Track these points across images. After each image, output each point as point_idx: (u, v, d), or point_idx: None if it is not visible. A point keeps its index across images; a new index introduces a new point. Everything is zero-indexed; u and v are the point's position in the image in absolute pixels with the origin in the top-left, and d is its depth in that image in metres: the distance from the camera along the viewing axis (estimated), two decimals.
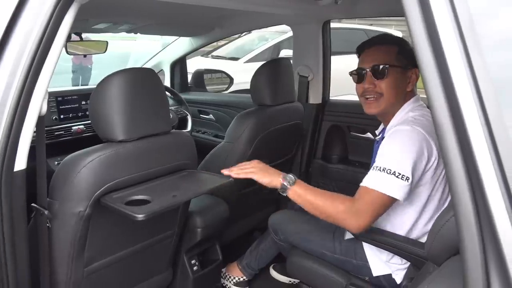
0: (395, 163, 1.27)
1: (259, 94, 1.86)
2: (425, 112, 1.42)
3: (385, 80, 1.42)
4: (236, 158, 1.81)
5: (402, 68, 1.42)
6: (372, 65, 1.43)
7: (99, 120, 1.22)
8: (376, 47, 1.47)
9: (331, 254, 1.61)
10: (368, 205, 1.26)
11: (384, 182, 1.26)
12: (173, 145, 1.38)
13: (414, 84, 1.45)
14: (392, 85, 1.42)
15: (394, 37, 1.53)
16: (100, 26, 1.89)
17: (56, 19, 0.93)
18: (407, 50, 1.44)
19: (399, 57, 1.42)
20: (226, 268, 2.05)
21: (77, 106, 2.12)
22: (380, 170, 1.27)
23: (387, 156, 1.31)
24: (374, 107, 1.47)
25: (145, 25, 2.07)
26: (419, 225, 1.44)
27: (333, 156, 2.33)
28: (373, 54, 1.46)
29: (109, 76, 1.20)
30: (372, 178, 1.29)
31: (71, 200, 1.15)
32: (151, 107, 1.28)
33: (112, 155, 1.19)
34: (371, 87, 1.44)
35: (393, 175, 1.25)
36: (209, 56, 6.11)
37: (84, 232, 1.20)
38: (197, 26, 2.32)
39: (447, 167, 0.52)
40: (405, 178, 1.25)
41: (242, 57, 5.76)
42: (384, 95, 1.43)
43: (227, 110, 2.69)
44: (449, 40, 0.50)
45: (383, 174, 1.26)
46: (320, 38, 2.18)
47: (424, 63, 0.52)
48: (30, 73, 0.91)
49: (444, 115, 0.51)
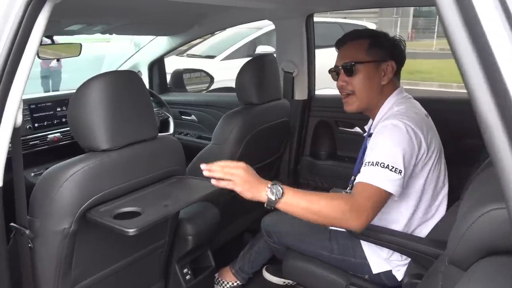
0: (387, 157, 1.24)
1: (245, 93, 1.80)
2: (410, 105, 1.42)
3: (355, 77, 1.43)
4: (225, 160, 1.74)
5: (374, 62, 1.41)
6: (343, 62, 1.45)
7: (80, 128, 1.14)
8: (348, 44, 1.47)
9: (328, 254, 1.57)
10: (367, 200, 1.21)
11: (379, 176, 1.22)
12: (161, 151, 1.30)
13: (391, 76, 1.43)
14: (362, 81, 1.42)
15: (366, 31, 1.53)
16: (73, 27, 1.79)
17: (28, 20, 0.85)
18: (381, 41, 1.43)
19: (370, 51, 1.41)
20: (218, 273, 1.99)
21: (52, 113, 2.02)
22: (374, 164, 1.24)
23: (379, 150, 1.28)
24: (349, 104, 1.48)
25: (120, 25, 1.97)
26: (416, 218, 1.42)
27: (321, 152, 2.29)
28: (344, 51, 1.47)
29: (89, 80, 1.12)
30: (366, 173, 1.25)
31: (54, 217, 1.07)
32: (135, 112, 1.20)
33: (97, 166, 1.11)
34: (343, 84, 1.46)
35: (387, 168, 1.22)
36: (184, 55, 6.00)
37: (70, 250, 1.12)
38: (176, 24, 2.24)
39: (496, 167, 0.47)
40: (398, 171, 1.23)
41: (219, 55, 5.69)
42: (355, 92, 1.44)
43: (210, 110, 2.62)
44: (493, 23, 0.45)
45: (377, 168, 1.23)
46: (304, 33, 2.13)
47: (461, 54, 0.46)
48: (2, 81, 0.83)
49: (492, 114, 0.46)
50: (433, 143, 1.36)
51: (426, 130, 1.33)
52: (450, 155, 1.96)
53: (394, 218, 1.43)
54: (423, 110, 1.44)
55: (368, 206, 1.21)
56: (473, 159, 1.65)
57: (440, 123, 2.00)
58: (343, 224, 1.23)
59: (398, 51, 1.46)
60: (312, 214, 1.19)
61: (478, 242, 0.64)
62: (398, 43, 1.47)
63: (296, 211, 1.19)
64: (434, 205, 1.45)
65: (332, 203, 1.20)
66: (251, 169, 1.19)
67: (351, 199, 1.22)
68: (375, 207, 1.23)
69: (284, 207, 1.17)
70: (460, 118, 1.96)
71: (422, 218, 1.43)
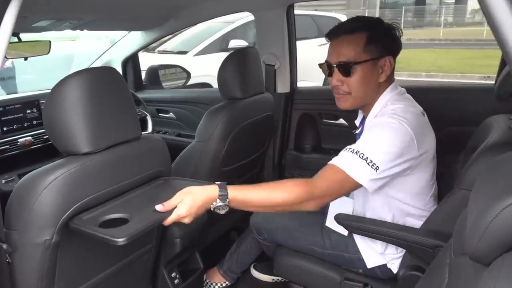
0: (369, 150, 1.20)
1: (228, 88, 1.74)
2: (407, 103, 1.35)
3: (352, 78, 1.33)
4: (209, 158, 1.69)
5: (372, 60, 1.32)
6: (338, 61, 1.34)
7: (57, 130, 1.05)
8: (343, 37, 1.34)
9: (321, 249, 1.53)
10: (329, 184, 1.20)
11: (354, 165, 1.20)
12: (146, 151, 1.23)
13: (389, 73, 1.35)
14: (360, 82, 1.33)
15: (365, 22, 1.38)
16: (42, 24, 1.67)
17: None
18: (378, 35, 1.33)
19: (368, 47, 1.31)
20: (206, 274, 1.94)
21: (22, 115, 1.90)
22: (353, 152, 1.21)
23: (364, 141, 1.24)
24: (343, 102, 1.39)
25: (92, 20, 1.86)
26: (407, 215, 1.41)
27: (305, 145, 2.26)
28: (339, 47, 1.34)
29: (65, 78, 1.03)
30: (342, 158, 1.22)
31: (33, 229, 0.99)
32: (117, 111, 1.13)
33: (78, 171, 1.03)
34: (338, 84, 1.36)
35: (365, 160, 1.19)
36: (155, 51, 5.85)
37: (53, 262, 1.04)
38: (150, 19, 2.14)
39: None
40: (375, 167, 1.19)
41: (191, 50, 5.57)
42: (352, 93, 1.35)
43: (189, 107, 2.54)
44: None
45: (354, 157, 1.20)
46: (285, 24, 2.08)
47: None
48: None
49: None
50: (426, 145, 1.31)
51: (420, 133, 1.27)
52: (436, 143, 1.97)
53: (382, 217, 1.41)
54: (419, 108, 1.38)
55: (329, 191, 1.20)
56: (458, 147, 1.65)
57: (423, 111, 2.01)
58: (300, 209, 1.21)
59: (395, 43, 1.37)
60: (265, 204, 1.19)
61: (502, 236, 0.61)
62: (395, 33, 1.37)
63: (250, 207, 1.19)
64: (425, 201, 1.42)
65: (285, 190, 1.18)
66: (194, 189, 1.11)
67: (310, 185, 1.19)
68: (336, 193, 1.23)
69: (235, 205, 1.14)
70: (444, 106, 1.98)
71: (413, 215, 1.41)
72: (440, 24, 22.22)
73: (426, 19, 25.26)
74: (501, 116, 1.43)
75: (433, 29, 21.58)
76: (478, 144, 1.39)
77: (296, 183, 1.19)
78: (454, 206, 1.26)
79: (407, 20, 23.03)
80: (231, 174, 1.84)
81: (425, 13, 25.74)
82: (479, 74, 9.50)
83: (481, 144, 1.31)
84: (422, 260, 1.33)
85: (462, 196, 1.24)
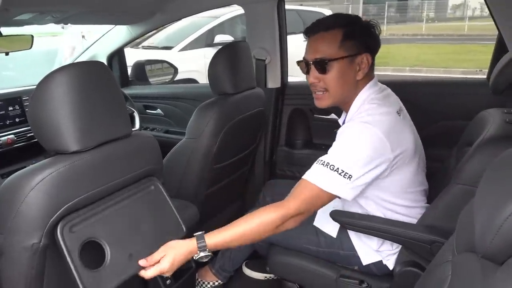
0: (339, 160, 1.19)
1: (219, 83, 1.70)
2: (382, 102, 1.31)
3: (328, 75, 1.31)
4: (201, 155, 1.66)
5: (349, 57, 1.30)
6: (314, 58, 1.32)
7: (44, 128, 1.00)
8: (320, 34, 1.32)
9: (316, 248, 1.51)
10: (304, 199, 1.21)
11: (325, 178, 1.19)
12: (137, 149, 1.18)
13: (367, 70, 1.33)
14: (337, 79, 1.31)
15: (341, 19, 1.34)
16: (24, 17, 1.60)
17: None
18: (355, 32, 1.30)
19: (344, 44, 1.29)
20: (198, 273, 1.90)
21: (3, 113, 1.84)
22: (324, 164, 1.20)
23: (334, 150, 1.23)
24: (321, 100, 1.37)
25: (77, 13, 1.79)
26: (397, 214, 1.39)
27: (297, 141, 2.23)
28: (316, 44, 1.33)
29: (52, 73, 0.98)
30: (314, 172, 1.22)
31: (20, 232, 0.93)
32: (107, 107, 1.08)
33: (67, 171, 0.98)
34: (315, 81, 1.34)
35: (336, 172, 1.18)
36: (140, 47, 5.75)
37: (41, 268, 0.99)
38: (136, 12, 2.08)
39: None
40: (347, 176, 1.18)
41: (176, 46, 5.49)
42: (329, 91, 1.33)
43: (177, 103, 2.49)
44: None
45: (325, 169, 1.19)
46: (276, 17, 2.04)
47: None
48: None
49: None
50: (403, 145, 1.27)
51: (394, 133, 1.24)
52: (427, 138, 1.96)
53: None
54: (396, 106, 1.34)
55: (305, 207, 1.21)
56: (451, 141, 1.65)
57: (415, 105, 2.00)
58: (280, 230, 1.22)
59: (373, 40, 1.34)
60: (251, 240, 1.23)
61: None
62: (373, 30, 1.35)
63: (232, 246, 1.27)
64: (412, 198, 1.40)
65: (264, 222, 1.19)
66: (177, 244, 1.17)
67: (282, 208, 1.20)
68: (313, 207, 1.24)
69: (216, 249, 1.21)
70: (436, 100, 1.97)
71: (402, 213, 1.39)
72: (423, 20, 22.47)
73: (409, 14, 25.53)
74: (495, 110, 1.42)
75: (416, 24, 21.82)
76: (472, 138, 1.38)
77: (268, 210, 1.20)
78: (451, 201, 1.25)
79: (390, 15, 23.25)
80: (222, 171, 1.80)
81: (407, 8, 26.00)
82: (462, 68, 9.64)
83: (477, 139, 1.30)
84: (419, 256, 1.33)
85: (460, 191, 1.23)
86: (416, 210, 1.39)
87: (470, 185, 1.19)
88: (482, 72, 7.26)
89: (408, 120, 1.38)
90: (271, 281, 1.94)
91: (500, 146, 1.19)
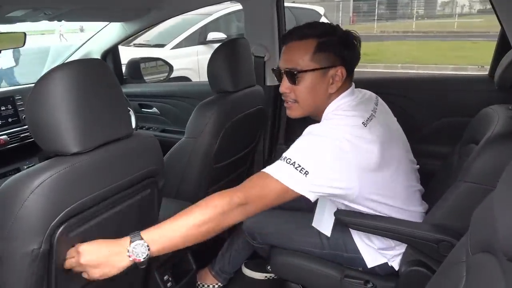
0: (298, 155, 1.15)
1: (218, 81, 1.66)
2: (348, 114, 1.24)
3: (299, 86, 1.26)
4: (201, 155, 1.63)
5: (321, 69, 1.24)
6: (285, 68, 1.28)
7: (42, 129, 0.96)
8: (294, 43, 1.27)
9: (319, 250, 1.49)
10: (254, 187, 1.14)
11: (282, 170, 1.14)
12: (138, 150, 1.15)
13: (340, 84, 1.27)
14: (307, 91, 1.27)
15: (317, 28, 1.27)
16: (16, 13, 1.55)
17: None
18: (330, 43, 1.24)
19: (317, 56, 1.24)
20: (197, 276, 1.87)
21: None
22: (282, 159, 1.16)
23: (295, 146, 1.20)
24: (292, 110, 1.34)
25: (70, 10, 1.74)
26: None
27: (296, 139, 2.20)
28: (288, 53, 1.28)
29: (50, 72, 0.94)
30: (273, 165, 1.17)
31: (19, 238, 0.89)
32: (108, 106, 1.04)
33: (67, 173, 0.94)
34: (286, 91, 1.30)
35: (292, 165, 1.13)
36: (131, 44, 5.67)
37: (41, 274, 0.95)
38: (131, 9, 2.03)
39: None
40: (303, 171, 1.12)
41: (168, 43, 5.44)
42: (299, 102, 1.30)
43: (173, 101, 2.45)
44: None
45: (282, 163, 1.15)
46: (275, 13, 2.01)
47: None
48: None
49: None
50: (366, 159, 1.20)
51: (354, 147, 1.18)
52: (429, 135, 1.96)
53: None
54: (365, 114, 1.26)
55: (253, 194, 1.12)
56: (453, 138, 1.63)
57: (416, 103, 1.99)
58: (227, 222, 1.10)
59: (350, 52, 1.27)
60: (196, 235, 1.05)
61: None
62: (352, 42, 1.28)
63: (176, 242, 1.04)
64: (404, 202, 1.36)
65: (207, 208, 1.07)
66: (94, 244, 0.99)
67: (229, 193, 1.11)
68: (263, 198, 1.14)
69: (158, 248, 1.01)
70: (437, 97, 1.96)
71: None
72: (413, 17, 22.63)
73: (399, 12, 25.68)
74: (499, 106, 1.41)
75: (406, 21, 21.98)
76: (476, 135, 1.36)
77: (214, 196, 1.10)
78: (459, 200, 1.23)
79: (380, 12, 23.35)
80: (222, 170, 1.77)
81: (397, 5, 26.15)
82: (453, 65, 9.71)
83: (483, 136, 1.28)
84: (425, 255, 1.31)
85: (468, 190, 1.21)
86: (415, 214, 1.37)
87: (479, 183, 1.18)
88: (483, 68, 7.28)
89: (377, 128, 1.26)
90: (272, 280, 1.92)
91: (509, 144, 1.18)
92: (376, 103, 1.38)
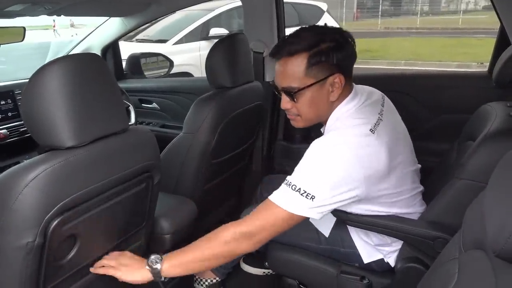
0: (302, 180, 1.13)
1: (216, 76, 1.66)
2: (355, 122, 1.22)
3: (298, 103, 1.25)
4: (199, 150, 1.62)
5: (317, 82, 1.21)
6: (282, 87, 1.25)
7: (38, 123, 0.96)
8: (284, 59, 1.22)
9: (316, 245, 1.49)
10: (260, 217, 1.16)
11: (288, 198, 1.14)
12: (134, 144, 1.15)
13: (341, 90, 1.23)
14: (308, 106, 1.25)
15: (304, 40, 1.21)
16: (15, 8, 1.55)
17: None
18: (321, 54, 1.19)
19: (311, 70, 1.20)
20: None
21: None
22: (287, 184, 1.15)
23: (298, 170, 1.18)
24: (297, 122, 1.32)
25: (69, 5, 1.75)
26: None
27: (295, 135, 2.20)
28: (282, 70, 1.24)
29: (45, 66, 0.94)
30: (279, 192, 1.17)
31: (13, 231, 0.90)
32: (103, 101, 1.04)
33: (62, 167, 0.94)
34: (288, 107, 1.28)
35: (298, 192, 1.13)
36: (134, 40, 5.68)
37: (36, 267, 0.96)
38: (131, 4, 2.03)
39: None
40: (310, 196, 1.12)
41: (171, 39, 5.43)
42: (301, 116, 1.28)
43: (173, 97, 2.46)
44: None
45: (288, 189, 1.14)
46: (274, 9, 2.01)
47: None
48: None
49: None
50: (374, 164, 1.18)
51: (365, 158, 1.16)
52: (427, 132, 1.95)
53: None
54: (372, 120, 1.23)
55: (259, 224, 1.15)
56: (452, 135, 1.63)
57: (415, 99, 1.99)
58: (238, 253, 1.20)
59: (345, 57, 1.22)
60: (205, 261, 1.19)
61: None
62: (345, 45, 1.22)
63: (186, 269, 1.20)
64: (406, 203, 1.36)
65: (218, 239, 1.17)
66: (127, 252, 1.24)
67: (236, 224, 1.17)
68: (271, 226, 1.16)
69: (171, 270, 1.18)
70: (436, 93, 1.95)
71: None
72: (417, 13, 22.50)
73: (403, 8, 25.55)
74: (498, 103, 1.40)
75: (410, 17, 21.85)
76: (474, 132, 1.36)
77: (223, 227, 1.18)
78: (455, 197, 1.23)
79: (384, 8, 23.24)
80: (220, 166, 1.78)
81: (401, 1, 26.01)
82: (457, 62, 9.66)
83: (480, 133, 1.28)
84: (421, 252, 1.31)
85: (464, 187, 1.21)
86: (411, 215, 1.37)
87: (474, 180, 1.18)
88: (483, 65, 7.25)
89: (385, 132, 1.24)
90: (270, 276, 1.92)
91: (505, 141, 1.17)
92: (383, 104, 1.35)
